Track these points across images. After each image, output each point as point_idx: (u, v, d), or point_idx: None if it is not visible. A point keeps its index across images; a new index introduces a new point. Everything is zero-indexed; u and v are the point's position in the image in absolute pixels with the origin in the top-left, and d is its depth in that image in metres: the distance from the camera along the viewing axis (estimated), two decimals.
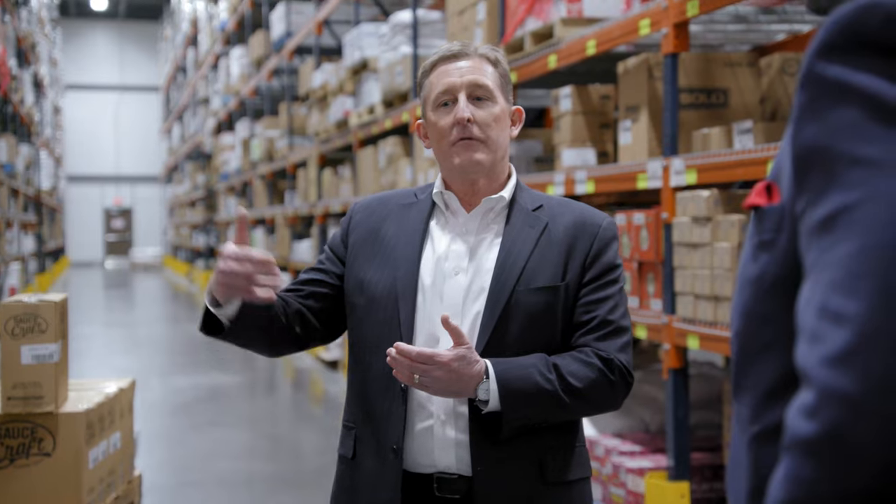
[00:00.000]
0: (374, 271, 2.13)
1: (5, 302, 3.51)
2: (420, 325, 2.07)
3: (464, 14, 6.69)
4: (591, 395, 2.01)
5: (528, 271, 2.05)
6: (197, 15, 23.24)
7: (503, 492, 2.02)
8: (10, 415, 3.50)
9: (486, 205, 2.12)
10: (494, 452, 2.02)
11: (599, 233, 2.10)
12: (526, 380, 1.97)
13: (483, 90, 2.09)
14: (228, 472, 6.38)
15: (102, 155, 36.53)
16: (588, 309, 2.06)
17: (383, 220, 2.18)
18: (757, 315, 1.14)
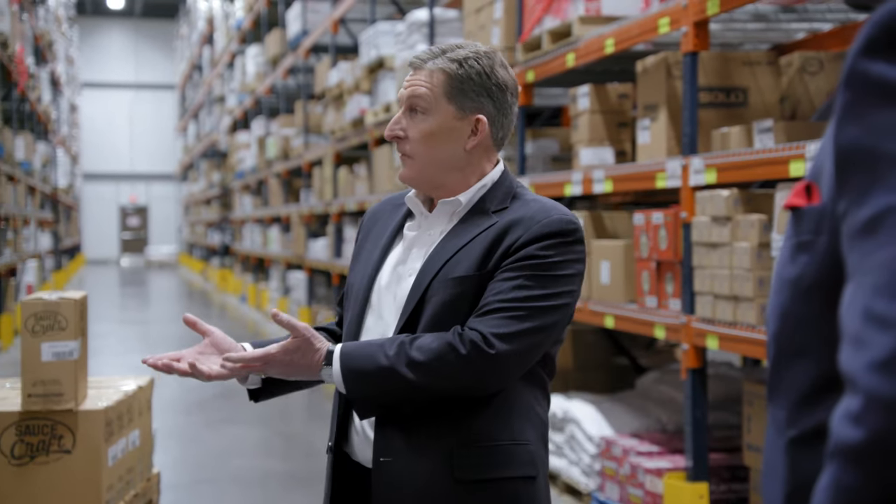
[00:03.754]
0: (353, 274, 2.19)
1: (26, 299, 3.52)
2: (369, 324, 2.10)
3: (481, 12, 6.67)
4: (435, 368, 1.93)
5: (450, 264, 2.03)
6: (213, 13, 23.28)
7: (405, 485, 2.01)
8: (30, 412, 3.51)
9: (442, 208, 2.11)
10: (399, 445, 2.01)
11: (534, 227, 2.00)
12: (367, 359, 1.96)
13: (418, 105, 2.07)
14: (243, 470, 6.38)
15: (118, 153, 36.64)
16: (486, 293, 2.00)
17: (375, 224, 2.23)
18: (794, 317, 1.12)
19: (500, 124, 2.11)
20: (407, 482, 2.01)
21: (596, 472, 5.30)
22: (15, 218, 13.91)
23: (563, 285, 2.00)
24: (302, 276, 13.54)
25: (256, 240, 17.86)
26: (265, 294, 16.03)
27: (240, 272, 20.34)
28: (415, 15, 8.17)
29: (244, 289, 18.61)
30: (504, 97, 2.09)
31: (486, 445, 2.01)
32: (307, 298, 13.12)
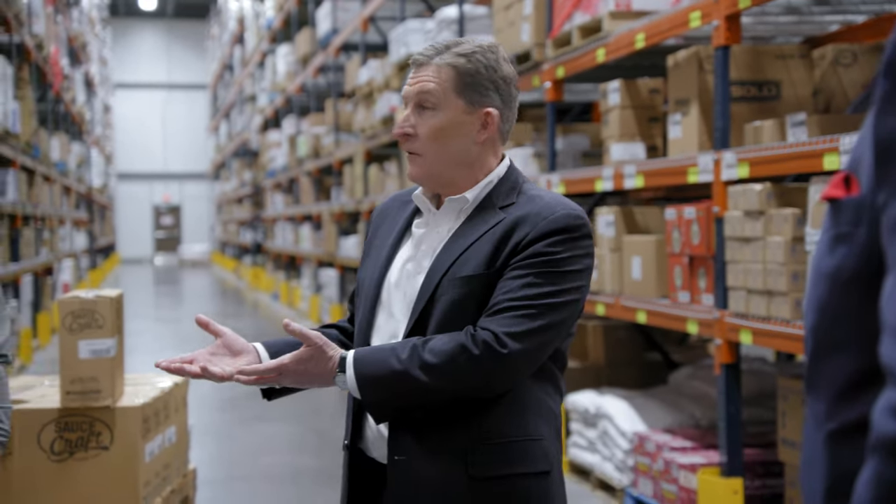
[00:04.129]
0: (363, 272, 2.19)
1: (63, 298, 3.55)
2: (379, 323, 2.10)
3: (510, 9, 6.65)
4: (449, 370, 1.93)
5: (459, 262, 2.03)
6: (244, 13, 23.37)
7: (420, 483, 2.01)
8: (69, 409, 3.54)
9: (450, 206, 2.11)
10: (413, 443, 2.01)
11: (541, 223, 1.99)
12: (380, 364, 1.96)
13: (426, 100, 2.07)
14: (276, 467, 6.41)
15: (151, 152, 36.87)
16: (497, 290, 1.99)
17: (384, 221, 2.23)
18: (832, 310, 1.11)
19: (507, 117, 2.12)
20: (422, 480, 2.01)
21: (629, 468, 5.29)
22: (51, 218, 14.04)
23: (571, 281, 1.99)
24: (333, 273, 13.57)
25: (288, 238, 17.93)
26: (297, 292, 16.09)
27: (272, 270, 20.43)
28: (444, 12, 8.17)
29: (276, 286, 18.69)
30: (509, 90, 2.10)
31: (499, 442, 2.01)
32: (338, 296, 13.15)
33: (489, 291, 2.00)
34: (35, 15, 11.90)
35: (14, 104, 10.01)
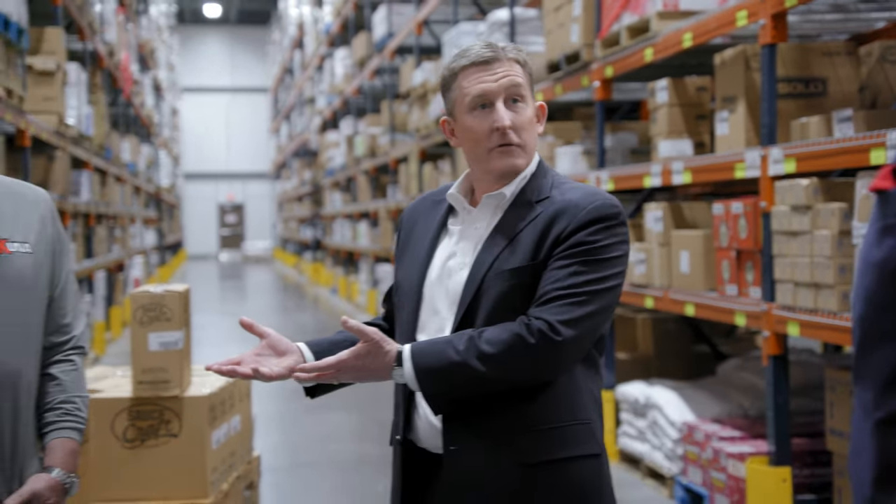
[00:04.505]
0: (402, 272, 2.18)
1: (134, 292, 3.59)
2: (424, 319, 2.09)
3: (560, 10, 6.62)
4: (506, 359, 1.93)
5: (502, 256, 2.02)
6: (303, 19, 23.51)
7: (476, 471, 2.00)
8: (140, 398, 3.59)
9: (487, 202, 2.10)
10: (467, 433, 2.01)
11: (581, 214, 2.00)
12: (438, 356, 1.94)
13: (518, 94, 2.06)
14: (340, 454, 6.44)
15: (216, 153, 37.22)
16: (545, 280, 1.99)
17: (416, 222, 2.21)
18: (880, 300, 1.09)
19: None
20: (478, 468, 2.01)
21: (678, 457, 5.24)
22: (122, 216, 14.24)
23: (613, 267, 2.00)
24: (389, 268, 13.61)
25: (346, 234, 18.01)
26: (355, 286, 16.16)
27: (331, 265, 20.53)
28: (496, 15, 8.15)
29: (335, 281, 18.79)
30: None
31: (550, 427, 2.01)
32: None
33: (534, 282, 2.00)
34: (107, 23, 12.07)
35: (88, 108, 10.16)
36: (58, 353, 2.18)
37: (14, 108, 6.74)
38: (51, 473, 2.09)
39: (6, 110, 6.48)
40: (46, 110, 8.11)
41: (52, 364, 2.17)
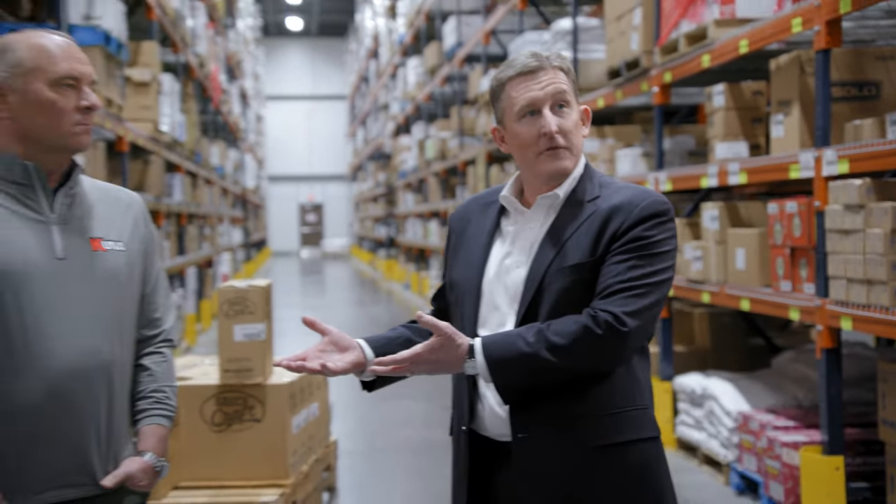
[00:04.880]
0: (457, 271, 2.16)
1: (221, 287, 3.63)
2: (485, 315, 2.09)
3: (621, 20, 6.55)
4: (575, 349, 1.93)
5: (562, 254, 2.02)
6: (378, 30, 23.61)
7: (545, 456, 2.00)
8: (226, 385, 3.63)
9: (543, 202, 2.09)
10: (534, 420, 2.00)
11: (635, 211, 2.00)
12: (509, 348, 1.94)
13: (564, 100, 2.06)
14: (411, 439, 6.46)
15: (297, 157, 37.56)
16: (605, 274, 1.99)
17: (468, 223, 2.20)
18: None
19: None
20: (545, 454, 2.00)
21: (734, 445, 5.16)
22: (211, 216, 14.44)
23: (666, 260, 2.02)
24: None
25: (418, 232, 18.06)
26: (426, 281, 16.20)
27: (403, 262, 20.61)
28: (559, 24, 8.09)
29: (407, 277, 18.85)
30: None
31: (612, 413, 2.01)
32: None
33: (593, 277, 2.00)
34: (198, 37, 12.24)
35: (180, 116, 10.31)
36: (149, 346, 2.21)
37: (114, 117, 6.87)
38: (143, 457, 2.12)
39: (107, 118, 6.60)
40: (143, 118, 8.25)
41: (144, 356, 2.20)
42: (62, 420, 1.99)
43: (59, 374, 1.98)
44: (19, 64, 2.00)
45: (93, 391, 2.03)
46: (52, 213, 2.04)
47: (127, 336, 2.13)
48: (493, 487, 2.09)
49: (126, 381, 2.14)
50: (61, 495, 2.01)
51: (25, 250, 1.98)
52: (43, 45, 2.02)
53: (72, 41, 2.07)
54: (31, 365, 1.96)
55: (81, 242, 2.05)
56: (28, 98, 1.99)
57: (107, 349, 2.05)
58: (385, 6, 21.58)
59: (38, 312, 1.97)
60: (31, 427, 1.97)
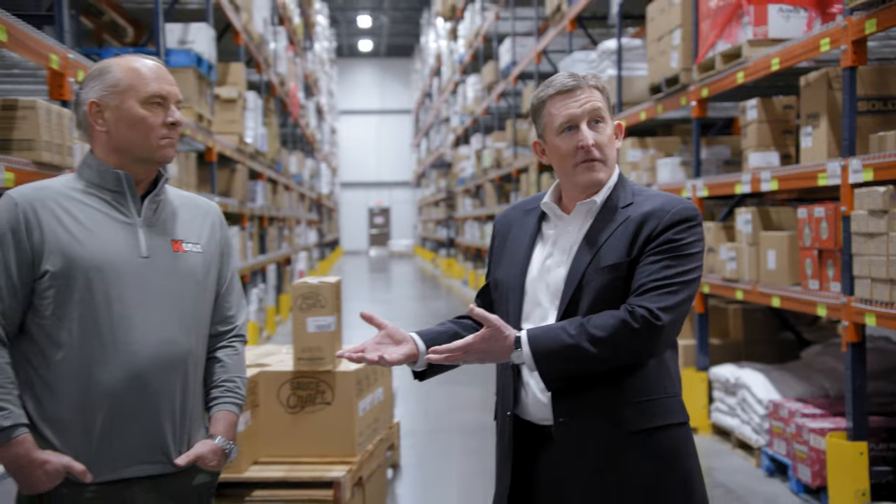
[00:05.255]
0: (501, 270, 2.16)
1: (295, 283, 3.67)
2: (528, 310, 2.09)
3: (661, 40, 6.48)
4: (614, 341, 1.93)
5: (599, 255, 2.02)
6: (440, 51, 23.65)
7: (585, 440, 2.00)
8: (300, 372, 3.66)
9: (581, 208, 2.09)
10: (575, 406, 2.00)
11: (667, 216, 2.01)
12: (553, 339, 1.94)
13: (599, 116, 2.06)
14: (467, 422, 6.46)
15: (367, 165, 37.75)
16: (640, 273, 1.99)
17: (510, 228, 2.20)
18: None
19: None
20: (585, 437, 2.00)
21: (765, 431, 5.08)
22: (289, 219, 14.59)
23: (696, 261, 2.02)
24: None
25: (475, 234, 18.04)
26: (482, 278, 16.17)
27: (462, 261, 20.61)
28: (605, 45, 8.03)
29: (465, 274, 18.84)
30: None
31: (646, 400, 2.01)
32: None
33: (629, 276, 2.00)
34: (279, 58, 12.37)
35: (262, 129, 10.44)
36: (223, 340, 2.23)
37: (204, 130, 6.98)
38: (214, 440, 2.14)
39: (198, 132, 6.71)
40: (230, 131, 8.37)
41: (218, 349, 2.22)
42: (141, 403, 2.02)
43: (141, 361, 2.01)
44: (116, 84, 2.05)
45: (170, 378, 2.06)
46: (140, 216, 2.08)
47: (202, 330, 2.15)
48: (535, 468, 2.09)
49: (200, 371, 2.16)
50: (139, 471, 2.04)
51: (115, 249, 2.02)
52: (136, 67, 2.07)
53: (161, 64, 2.12)
54: (116, 352, 2.00)
55: (164, 244, 2.09)
56: (122, 114, 2.05)
57: (184, 340, 2.08)
58: (447, 29, 21.61)
59: (124, 305, 2.01)
60: (114, 408, 2.00)
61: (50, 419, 1.99)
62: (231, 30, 8.83)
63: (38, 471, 1.95)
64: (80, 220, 2.02)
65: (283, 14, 13.46)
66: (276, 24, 12.62)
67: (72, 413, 1.99)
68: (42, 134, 3.50)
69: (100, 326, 1.99)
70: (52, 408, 1.99)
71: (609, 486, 1.99)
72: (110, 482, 2.02)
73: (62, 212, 2.01)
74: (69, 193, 2.05)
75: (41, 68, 4.01)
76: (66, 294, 1.99)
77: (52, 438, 1.99)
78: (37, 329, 2.00)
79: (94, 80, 2.07)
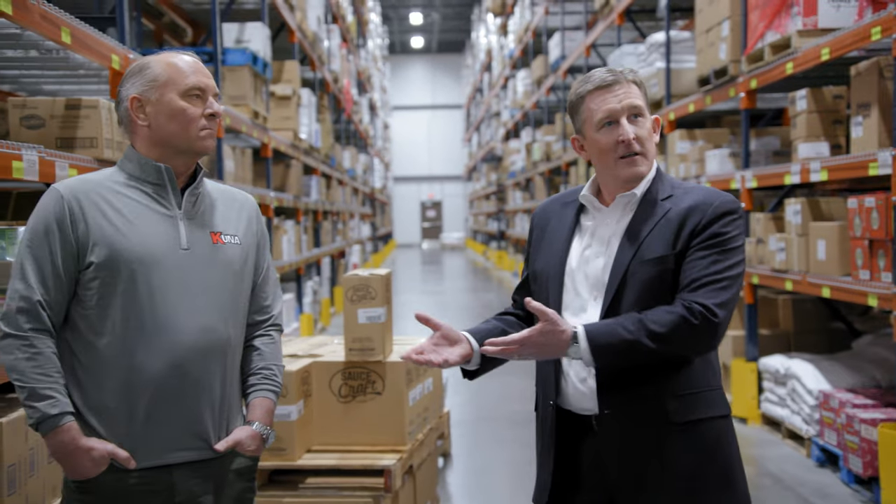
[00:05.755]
0: (540, 262, 2.15)
1: (346, 275, 3.68)
2: (567, 301, 2.08)
3: (710, 32, 6.38)
4: (672, 337, 1.92)
5: (643, 247, 2.00)
6: (491, 46, 23.58)
7: (631, 430, 1.99)
8: (351, 362, 3.68)
9: (621, 200, 2.08)
10: (620, 398, 1.99)
11: (710, 209, 1.99)
12: (611, 335, 1.92)
13: (638, 110, 2.05)
14: (515, 413, 6.44)
15: (419, 160, 37.83)
16: (690, 268, 1.97)
17: (549, 220, 2.19)
18: None
19: None
20: (629, 428, 1.99)
21: (815, 421, 4.98)
22: (343, 213, 14.68)
23: (741, 254, 2.01)
24: None
25: (525, 226, 17.96)
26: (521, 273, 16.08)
27: (512, 253, 20.55)
28: (654, 37, 7.92)
29: (516, 266, 18.79)
30: None
31: (690, 392, 2.00)
32: None
33: (672, 269, 1.99)
34: (333, 56, 12.45)
35: (316, 125, 10.51)
36: (260, 329, 2.25)
37: (260, 127, 7.05)
38: (252, 426, 2.16)
39: (254, 128, 6.78)
40: (284, 127, 8.44)
41: (255, 338, 2.24)
42: (182, 390, 2.05)
43: (181, 348, 2.04)
44: (155, 79, 2.08)
45: (209, 365, 2.08)
46: (180, 209, 2.11)
47: (240, 319, 2.17)
48: (577, 457, 2.08)
49: (238, 359, 2.18)
50: (180, 457, 2.06)
51: (157, 241, 2.05)
52: (174, 62, 2.10)
53: (198, 59, 2.15)
54: (157, 340, 2.02)
55: (204, 236, 2.12)
56: (162, 107, 2.08)
57: (222, 329, 2.10)
58: (497, 24, 21.53)
59: (164, 295, 2.03)
60: (156, 395, 2.03)
61: (94, 407, 2.03)
62: (286, 28, 8.89)
63: (85, 457, 1.99)
64: (122, 213, 2.05)
65: (336, 12, 13.53)
66: (330, 23, 12.69)
67: (115, 401, 2.02)
68: (104, 132, 3.57)
69: (142, 316, 2.02)
70: (97, 396, 2.02)
71: (651, 475, 1.98)
72: (153, 468, 2.05)
73: (105, 204, 2.05)
74: (112, 186, 2.08)
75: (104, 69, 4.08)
76: (110, 285, 2.02)
77: (97, 426, 2.02)
78: (81, 319, 2.04)
79: (134, 76, 2.11)
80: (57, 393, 1.98)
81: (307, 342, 4.25)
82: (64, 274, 2.02)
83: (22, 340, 1.98)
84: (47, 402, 1.96)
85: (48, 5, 3.17)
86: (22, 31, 3.49)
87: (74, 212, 2.02)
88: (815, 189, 6.20)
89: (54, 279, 2.01)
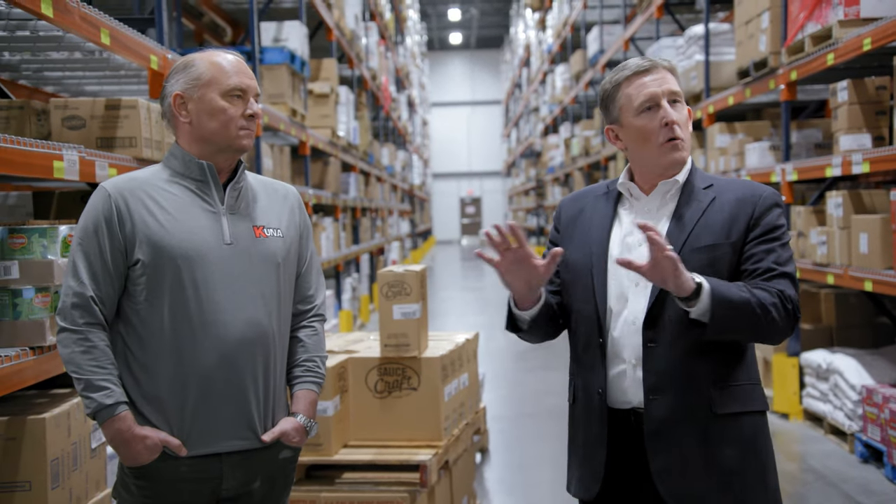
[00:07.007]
0: (574, 251, 2.12)
1: (381, 272, 3.69)
2: (611, 287, 2.05)
3: (749, 24, 6.29)
4: (774, 314, 1.92)
5: (694, 235, 1.99)
6: (529, 41, 23.49)
7: (672, 418, 1.97)
8: (387, 358, 3.69)
9: (663, 188, 2.06)
10: (666, 387, 1.98)
11: (760, 201, 2.00)
12: (731, 290, 1.90)
13: (677, 95, 2.04)
14: (555, 407, 6.42)
15: (458, 156, 37.82)
16: (757, 259, 1.97)
17: (581, 211, 2.17)
18: None
19: None
20: (673, 417, 1.98)
21: (858, 416, 4.90)
22: (382, 209, 14.73)
23: (791, 246, 2.04)
24: None
25: None
26: None
27: None
28: (692, 30, 7.84)
29: None
30: None
31: (733, 385, 2.00)
32: None
33: (728, 258, 1.98)
34: (371, 53, 12.49)
35: (354, 122, 10.55)
36: (303, 320, 2.28)
37: (297, 125, 7.10)
38: (296, 418, 2.20)
39: (292, 126, 6.83)
40: (322, 125, 8.49)
41: (299, 329, 2.27)
42: (230, 381, 2.09)
43: (228, 341, 2.08)
44: (199, 77, 2.12)
45: (254, 357, 2.12)
46: (223, 204, 2.14)
47: (284, 310, 2.21)
48: (621, 447, 2.05)
49: (283, 350, 2.21)
50: (229, 446, 2.11)
51: (201, 237, 2.09)
52: (218, 62, 2.13)
53: (241, 59, 2.18)
54: (204, 333, 2.07)
55: (247, 230, 2.15)
56: (204, 105, 2.11)
57: (266, 321, 2.14)
58: (536, 20, 21.44)
59: (210, 289, 2.08)
60: (205, 387, 2.08)
61: (148, 397, 2.08)
62: (323, 27, 8.94)
63: (139, 445, 2.05)
64: (167, 209, 2.09)
65: (374, 10, 13.57)
66: (368, 20, 12.72)
67: (167, 392, 2.07)
68: (143, 132, 3.61)
69: (189, 310, 2.07)
70: (150, 387, 2.08)
71: (692, 466, 1.98)
72: (203, 456, 2.10)
73: (150, 201, 2.09)
74: (156, 183, 2.13)
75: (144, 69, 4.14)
76: (157, 280, 2.07)
77: (150, 415, 2.08)
78: (132, 313, 2.09)
79: (178, 73, 2.14)
80: (111, 384, 2.05)
81: (344, 338, 4.27)
82: (114, 270, 2.08)
83: (77, 334, 2.05)
84: (103, 393, 2.04)
85: (88, 7, 3.22)
86: (64, 34, 3.55)
87: (121, 210, 2.08)
88: (857, 181, 6.10)
89: (105, 275, 2.07)
